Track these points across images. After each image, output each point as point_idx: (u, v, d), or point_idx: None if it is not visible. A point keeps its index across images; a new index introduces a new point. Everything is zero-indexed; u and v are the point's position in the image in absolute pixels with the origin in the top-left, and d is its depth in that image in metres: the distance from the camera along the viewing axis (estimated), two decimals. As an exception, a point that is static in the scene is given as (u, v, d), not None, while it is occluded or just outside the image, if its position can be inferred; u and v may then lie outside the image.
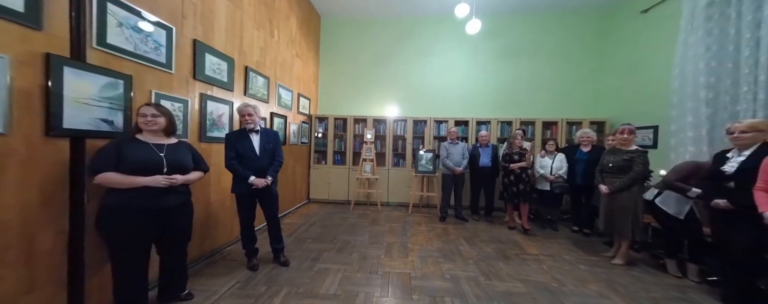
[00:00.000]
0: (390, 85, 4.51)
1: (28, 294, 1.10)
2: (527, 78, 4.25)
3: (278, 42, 3.15)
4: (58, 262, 1.20)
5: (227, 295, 1.59)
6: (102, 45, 1.31)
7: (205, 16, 1.99)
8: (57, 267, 1.19)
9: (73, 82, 1.20)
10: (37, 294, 1.13)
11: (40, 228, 1.13)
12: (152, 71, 1.59)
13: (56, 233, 1.18)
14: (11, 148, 1.04)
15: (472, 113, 4.22)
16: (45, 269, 1.15)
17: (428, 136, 4.05)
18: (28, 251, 1.10)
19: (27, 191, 1.09)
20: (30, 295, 1.11)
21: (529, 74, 4.25)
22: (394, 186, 4.09)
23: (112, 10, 1.35)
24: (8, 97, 1.01)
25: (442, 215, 3.33)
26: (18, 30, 1.05)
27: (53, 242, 1.18)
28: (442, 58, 4.41)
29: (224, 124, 2.24)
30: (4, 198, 1.02)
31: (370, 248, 2.37)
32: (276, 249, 2.01)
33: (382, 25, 4.48)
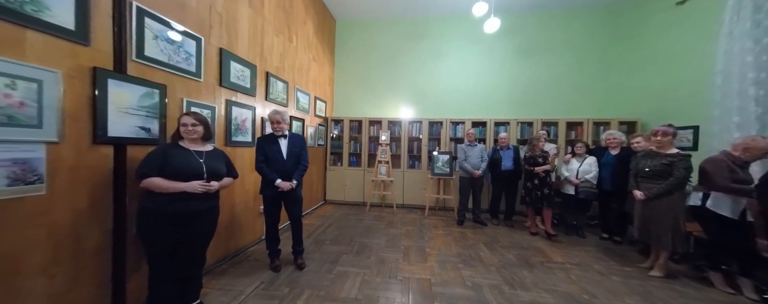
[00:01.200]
0: (405, 87, 4.49)
1: (75, 291, 1.19)
2: (548, 77, 4.08)
3: (296, 47, 3.22)
4: (104, 261, 1.29)
5: (252, 295, 1.64)
6: (140, 57, 1.40)
7: (229, 25, 2.07)
8: (102, 266, 1.28)
9: (116, 93, 1.28)
10: (84, 291, 1.22)
11: (87, 229, 1.22)
12: (183, 80, 1.68)
13: (101, 233, 1.27)
14: (63, 155, 1.12)
15: (489, 114, 4.11)
16: (91, 267, 1.24)
17: (444, 138, 3.99)
18: (76, 251, 1.19)
19: (76, 195, 1.17)
20: (77, 291, 1.19)
21: (550, 73, 4.07)
22: (409, 188, 4.06)
23: (149, 24, 1.44)
24: (61, 109, 1.10)
25: (459, 218, 3.26)
26: (69, 47, 1.13)
27: (99, 242, 1.26)
28: (456, 58, 4.34)
29: (247, 129, 2.32)
30: (56, 201, 1.11)
31: (387, 251, 2.37)
32: (296, 251, 2.05)
33: (396, 27, 4.47)
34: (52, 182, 1.09)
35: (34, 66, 1.02)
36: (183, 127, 1.33)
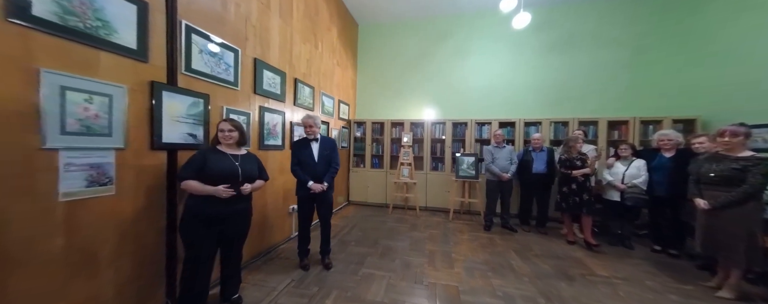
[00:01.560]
0: (427, 88, 4.43)
1: (136, 281, 1.33)
2: (585, 72, 3.76)
3: (321, 53, 3.33)
4: (159, 255, 1.43)
5: (284, 292, 1.72)
6: (188, 70, 1.54)
7: (262, 36, 2.20)
8: (157, 259, 1.43)
9: (168, 104, 1.42)
10: (143, 280, 1.36)
11: (146, 226, 1.37)
12: (223, 89, 1.81)
13: (157, 230, 1.41)
14: (127, 160, 1.27)
15: (518, 114, 3.89)
16: (149, 260, 1.39)
17: (469, 139, 3.86)
18: (137, 245, 1.33)
19: (137, 196, 1.32)
20: (138, 281, 1.34)
21: (587, 68, 3.76)
22: (433, 191, 3.99)
23: (195, 39, 1.58)
24: (126, 119, 1.25)
25: (486, 223, 3.13)
26: (132, 64, 1.28)
27: (155, 237, 1.41)
28: (481, 57, 4.18)
29: (278, 133, 2.44)
30: (122, 201, 1.26)
31: (412, 255, 2.34)
32: (324, 251, 2.11)
33: (418, 27, 4.43)
34: (119, 184, 1.23)
35: (106, 82, 1.16)
36: (221, 133, 1.43)
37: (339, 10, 3.82)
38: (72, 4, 1.05)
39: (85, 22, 1.09)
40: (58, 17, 1.01)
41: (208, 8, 1.68)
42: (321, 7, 3.26)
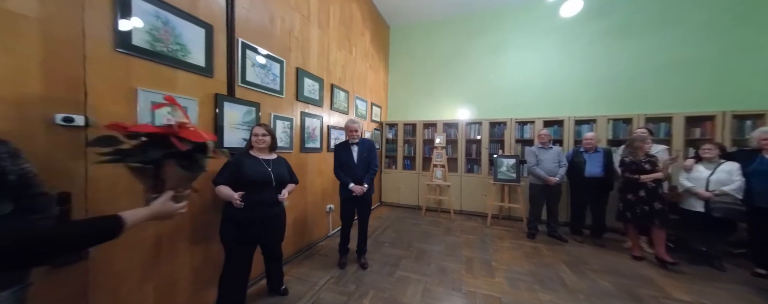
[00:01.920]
0: (461, 87, 4.27)
1: (205, 266, 1.53)
2: (653, 61, 3.24)
3: (355, 58, 3.44)
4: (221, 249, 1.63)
5: (325, 288, 1.81)
6: (244, 83, 1.73)
7: (303, 46, 2.36)
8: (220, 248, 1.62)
9: (228, 113, 1.62)
10: (210, 266, 1.56)
11: (211, 218, 1.56)
12: (271, 98, 1.99)
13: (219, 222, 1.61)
14: (198, 162, 1.47)
15: (567, 111, 3.52)
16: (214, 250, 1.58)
17: (508, 140, 3.61)
18: (205, 236, 1.53)
19: (205, 192, 1.52)
20: (207, 266, 1.54)
21: (655, 56, 3.23)
22: (468, 194, 3.82)
23: (249, 55, 1.76)
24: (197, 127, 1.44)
25: (530, 230, 2.89)
26: (201, 79, 1.48)
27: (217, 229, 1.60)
28: (522, 52, 3.88)
29: (316, 137, 2.59)
30: (193, 197, 1.46)
31: (447, 260, 2.28)
32: (360, 250, 2.18)
33: (451, 26, 4.30)
34: (192, 183, 1.44)
35: (182, 96, 1.37)
36: (254, 137, 1.47)
37: (371, 14, 3.91)
38: (159, 32, 1.26)
39: (167, 47, 1.30)
40: (149, 44, 1.23)
41: (258, 25, 1.86)
42: (354, 13, 3.37)
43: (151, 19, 1.23)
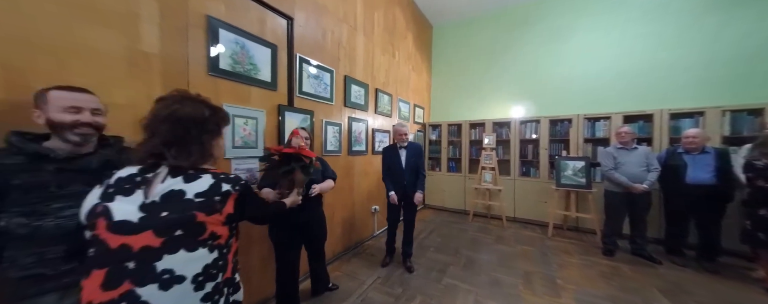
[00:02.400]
0: (513, 83, 3.91)
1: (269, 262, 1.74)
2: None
3: (398, 61, 3.47)
4: (283, 239, 1.83)
5: (372, 288, 1.87)
6: (301, 93, 1.92)
7: (350, 55, 2.49)
8: (282, 242, 1.82)
9: (289, 121, 1.81)
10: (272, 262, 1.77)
11: (276, 216, 1.77)
12: (322, 105, 2.16)
13: (282, 219, 1.81)
14: (265, 165, 1.69)
15: (657, 102, 2.89)
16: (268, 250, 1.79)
17: (575, 139, 3.14)
18: (271, 230, 1.74)
19: (271, 192, 1.73)
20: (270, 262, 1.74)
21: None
22: (523, 199, 3.46)
23: (305, 68, 1.95)
24: (264, 135, 1.66)
25: (606, 246, 2.45)
26: (267, 93, 1.70)
27: (281, 225, 1.81)
28: (589, 36, 3.34)
29: (362, 140, 2.70)
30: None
31: (501, 271, 2.10)
32: (406, 252, 2.18)
33: (499, 18, 3.98)
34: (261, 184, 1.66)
35: (254, 109, 1.59)
36: (295, 139, 1.47)
37: (414, 15, 3.89)
38: (237, 55, 1.50)
39: (244, 67, 1.53)
40: (231, 66, 1.46)
41: (313, 40, 2.04)
42: (397, 17, 3.41)
43: (232, 46, 1.46)
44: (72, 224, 0.73)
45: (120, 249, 0.54)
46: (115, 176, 0.62)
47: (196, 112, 0.64)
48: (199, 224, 0.58)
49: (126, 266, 0.53)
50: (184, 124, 0.62)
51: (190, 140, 0.63)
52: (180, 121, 0.62)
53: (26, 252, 0.69)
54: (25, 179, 0.70)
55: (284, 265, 1.51)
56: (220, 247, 0.62)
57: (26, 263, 0.69)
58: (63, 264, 0.73)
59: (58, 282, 0.73)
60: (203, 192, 0.61)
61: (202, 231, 0.59)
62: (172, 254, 0.55)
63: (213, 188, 0.62)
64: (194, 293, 0.57)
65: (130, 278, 0.53)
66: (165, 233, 0.56)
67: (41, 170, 0.72)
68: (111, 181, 0.61)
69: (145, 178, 0.60)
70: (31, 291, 0.70)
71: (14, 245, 0.69)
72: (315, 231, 1.63)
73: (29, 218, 0.69)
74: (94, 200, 0.60)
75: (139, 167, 0.62)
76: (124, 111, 1.07)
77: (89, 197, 0.61)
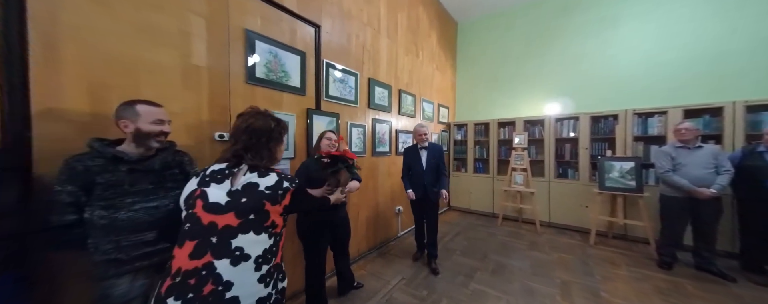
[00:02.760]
0: (547, 79, 3.64)
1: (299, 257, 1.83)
2: None
3: (422, 61, 3.44)
4: (311, 236, 1.92)
5: (397, 288, 1.87)
6: (328, 97, 2.00)
7: (374, 58, 2.53)
8: (311, 239, 1.91)
9: (316, 124, 1.90)
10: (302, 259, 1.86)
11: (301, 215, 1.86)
12: (347, 107, 2.22)
13: (310, 218, 1.91)
14: (296, 166, 1.78)
15: (729, 93, 2.49)
16: (306, 239, 1.88)
17: (622, 137, 2.82)
18: (301, 227, 1.84)
19: (300, 191, 1.83)
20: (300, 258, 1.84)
21: None
22: (559, 203, 3.20)
23: (331, 72, 2.03)
24: (294, 138, 1.76)
25: (663, 257, 2.17)
26: (297, 98, 1.80)
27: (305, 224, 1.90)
28: (638, 24, 3.00)
29: (386, 141, 2.72)
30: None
31: (535, 280, 1.96)
32: (430, 254, 2.16)
33: (530, 10, 3.74)
34: (291, 183, 1.76)
35: (285, 113, 1.70)
36: (328, 141, 1.56)
37: (438, 13, 3.82)
38: (271, 64, 1.61)
39: (276, 75, 1.64)
40: (265, 75, 1.58)
41: (338, 45, 2.11)
42: (421, 16, 3.38)
43: (266, 55, 1.58)
44: (141, 216, 0.86)
45: (209, 225, 0.68)
46: (210, 169, 0.78)
47: (265, 125, 0.82)
48: (265, 212, 0.73)
49: (210, 239, 0.67)
50: (257, 135, 0.79)
51: (261, 146, 0.80)
52: (254, 132, 0.79)
53: (106, 240, 0.82)
54: (105, 178, 0.83)
55: (313, 262, 1.57)
56: (276, 235, 0.76)
57: (106, 249, 0.82)
58: (134, 251, 0.85)
59: (131, 266, 0.85)
60: (271, 186, 0.75)
61: (267, 218, 0.73)
62: (244, 234, 0.69)
63: (277, 184, 0.76)
64: (254, 273, 0.68)
65: (212, 250, 0.66)
66: (242, 215, 0.70)
67: (117, 171, 0.85)
68: (207, 172, 0.77)
69: (232, 171, 0.76)
70: (109, 273, 0.83)
71: (96, 233, 0.82)
72: (341, 230, 1.68)
73: (108, 210, 0.82)
74: (192, 186, 0.75)
75: (226, 164, 0.78)
76: (177, 119, 1.22)
77: (189, 184, 0.77)
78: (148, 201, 0.88)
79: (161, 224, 0.88)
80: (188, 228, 0.69)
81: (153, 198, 0.90)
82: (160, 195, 0.91)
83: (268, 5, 1.60)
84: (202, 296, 0.61)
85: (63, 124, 0.95)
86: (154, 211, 0.89)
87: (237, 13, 1.45)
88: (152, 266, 0.89)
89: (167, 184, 0.95)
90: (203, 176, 0.76)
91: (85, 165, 0.82)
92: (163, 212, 0.90)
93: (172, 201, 0.93)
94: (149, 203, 0.88)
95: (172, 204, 0.93)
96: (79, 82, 0.98)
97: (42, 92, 0.91)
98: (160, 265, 0.90)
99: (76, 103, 0.97)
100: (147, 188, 0.89)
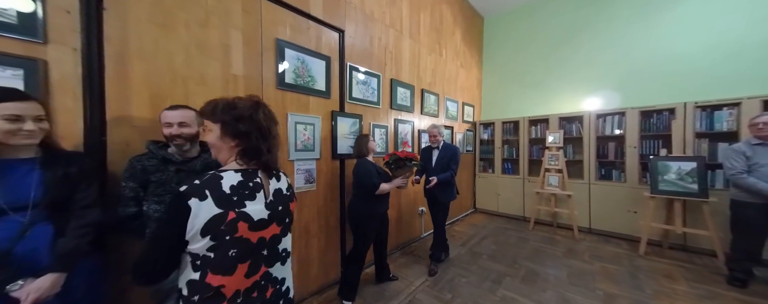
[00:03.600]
0: (585, 71, 3.34)
1: (328, 250, 1.91)
2: None
3: (445, 60, 3.36)
4: (337, 233, 1.99)
5: (421, 289, 1.86)
6: (351, 99, 2.05)
7: (397, 58, 2.54)
8: (336, 237, 1.99)
9: (340, 125, 1.96)
10: (331, 251, 1.94)
11: (330, 212, 1.94)
12: (370, 109, 2.26)
13: (336, 216, 1.98)
14: (321, 166, 1.87)
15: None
16: (333, 236, 1.96)
17: (680, 134, 2.46)
18: (327, 226, 1.92)
19: (326, 191, 1.91)
20: (328, 250, 1.92)
21: None
22: (602, 208, 2.90)
23: (355, 75, 2.08)
24: (320, 139, 1.84)
25: (735, 274, 1.86)
26: (322, 101, 1.87)
27: (335, 221, 1.97)
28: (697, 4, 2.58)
29: (408, 141, 2.71)
30: (319, 194, 1.86)
31: (572, 291, 1.81)
32: (433, 255, 2.16)
33: None
34: (318, 183, 1.84)
35: (312, 116, 1.78)
36: (374, 143, 1.79)
37: (462, 9, 3.71)
38: (299, 70, 1.71)
39: (303, 79, 1.73)
40: (293, 80, 1.68)
41: (361, 49, 2.16)
42: (445, 14, 3.31)
43: (295, 62, 1.68)
44: None
45: (259, 242, 0.65)
46: (224, 184, 0.62)
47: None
48: (290, 212, 0.77)
49: (262, 253, 0.66)
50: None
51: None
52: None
53: None
54: (157, 177, 0.96)
55: (361, 252, 1.71)
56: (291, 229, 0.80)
57: None
58: None
59: None
60: (287, 187, 0.77)
61: (291, 216, 0.78)
62: (285, 237, 0.74)
63: (288, 184, 0.79)
64: (288, 264, 0.76)
65: (265, 262, 0.67)
66: (281, 222, 0.72)
67: (167, 170, 0.98)
68: (223, 190, 0.61)
69: (256, 183, 0.67)
70: None
71: (151, 225, 0.96)
72: (386, 223, 1.89)
73: (160, 205, 0.96)
74: (213, 211, 0.58)
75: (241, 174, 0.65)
76: (219, 123, 1.35)
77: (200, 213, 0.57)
78: None
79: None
80: (235, 254, 0.60)
81: None
82: None
83: (296, 14, 1.69)
84: (266, 299, 0.66)
85: (129, 129, 1.11)
86: None
87: (269, 23, 1.56)
88: None
89: None
90: (222, 197, 0.60)
91: (143, 164, 0.96)
92: None
93: None
94: None
95: None
96: (143, 93, 1.14)
97: (114, 103, 1.07)
98: None
99: (140, 111, 1.13)
100: None
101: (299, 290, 1.74)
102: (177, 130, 0.97)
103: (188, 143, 1.01)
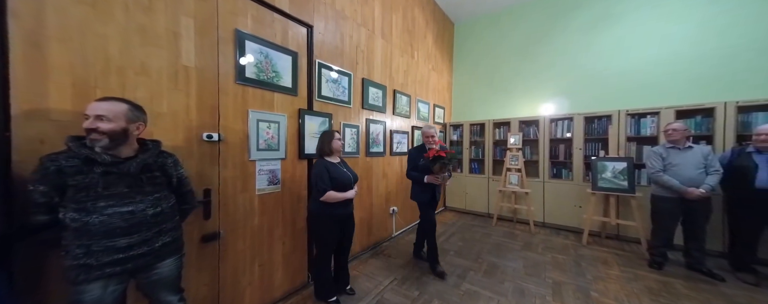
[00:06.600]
0: (543, 79, 3.66)
1: (294, 254, 1.83)
2: None
3: (417, 62, 3.44)
4: (304, 237, 1.91)
5: (389, 289, 1.87)
6: (320, 97, 1.99)
7: (368, 58, 2.53)
8: (303, 240, 1.91)
9: (308, 124, 1.89)
10: (297, 255, 1.86)
11: (296, 215, 1.86)
12: (341, 108, 2.21)
13: (302, 218, 1.90)
14: (286, 167, 1.78)
15: (721, 93, 2.51)
16: (300, 240, 1.87)
17: (615, 138, 2.83)
18: (294, 229, 1.83)
19: (292, 193, 1.82)
20: (294, 254, 1.83)
21: None
22: (554, 203, 3.21)
23: (325, 73, 2.02)
24: (286, 138, 1.75)
25: (654, 257, 2.18)
26: (289, 98, 1.79)
27: (301, 223, 1.89)
28: (634, 23, 3.01)
29: (380, 142, 2.72)
30: (284, 196, 1.77)
31: (527, 281, 1.96)
32: (432, 256, 2.13)
33: (528, 9, 3.75)
34: (283, 184, 1.75)
35: (277, 114, 1.69)
36: (339, 142, 1.63)
37: (434, 14, 3.83)
38: (262, 64, 1.60)
39: (267, 75, 1.63)
40: (256, 75, 1.57)
41: (332, 46, 2.11)
42: (417, 17, 3.38)
43: (257, 55, 1.57)
44: (114, 222, 0.82)
45: None
46: None
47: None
48: None
49: None
50: None
51: None
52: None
53: (76, 243, 0.79)
54: (78, 180, 0.79)
55: (328, 256, 1.66)
56: None
57: (77, 253, 0.79)
58: (105, 256, 0.81)
59: (101, 272, 0.81)
60: None
61: None
62: None
63: None
64: None
65: None
66: None
67: (91, 173, 0.81)
68: None
69: None
70: (80, 278, 0.79)
71: (68, 236, 0.80)
72: (351, 227, 1.75)
73: (80, 213, 0.79)
74: None
75: None
76: (166, 119, 1.21)
77: None
78: (123, 205, 0.84)
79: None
80: None
81: (128, 202, 0.85)
82: (136, 199, 0.87)
83: (259, 5, 1.59)
84: None
85: (46, 123, 0.94)
86: (128, 216, 0.85)
87: (227, 13, 1.44)
88: (125, 272, 0.86)
89: (146, 188, 0.90)
90: None
91: (59, 165, 0.79)
92: (138, 217, 0.86)
93: (150, 205, 0.90)
94: (123, 208, 0.84)
95: (149, 209, 0.89)
96: (64, 82, 0.97)
97: (23, 92, 0.90)
98: (133, 272, 0.89)
99: (60, 103, 0.96)
100: (122, 192, 0.85)
101: (262, 297, 1.64)
102: (91, 124, 0.80)
103: (107, 140, 0.83)
